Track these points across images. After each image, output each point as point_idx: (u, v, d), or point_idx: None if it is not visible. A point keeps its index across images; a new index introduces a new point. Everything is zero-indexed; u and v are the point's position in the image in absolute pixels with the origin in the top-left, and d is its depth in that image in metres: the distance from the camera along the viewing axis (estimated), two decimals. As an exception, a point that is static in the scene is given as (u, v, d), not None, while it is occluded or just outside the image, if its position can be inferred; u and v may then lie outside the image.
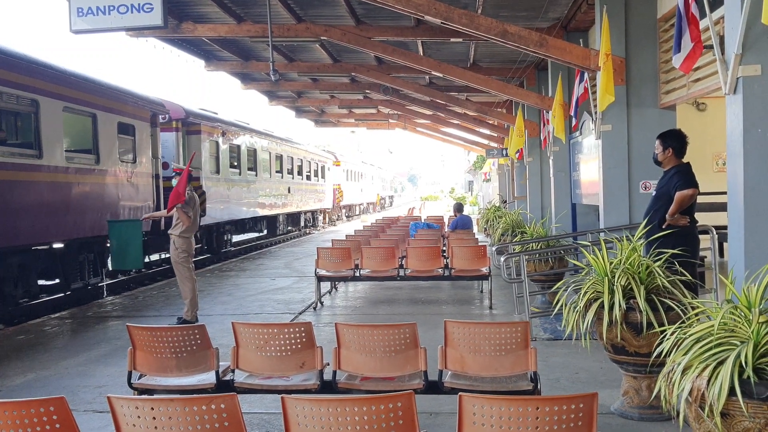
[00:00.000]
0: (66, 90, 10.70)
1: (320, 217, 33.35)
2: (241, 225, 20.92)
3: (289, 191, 25.14)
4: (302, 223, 29.53)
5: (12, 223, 9.45)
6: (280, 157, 24.10)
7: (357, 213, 45.43)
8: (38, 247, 10.70)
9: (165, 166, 14.47)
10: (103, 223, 11.63)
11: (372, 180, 52.81)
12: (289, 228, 27.47)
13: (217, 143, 17.69)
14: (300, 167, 27.42)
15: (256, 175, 21.09)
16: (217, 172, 17.64)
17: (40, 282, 11.24)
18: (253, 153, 20.85)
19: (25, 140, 10.16)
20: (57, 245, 11.09)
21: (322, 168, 32.37)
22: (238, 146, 19.50)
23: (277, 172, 23.67)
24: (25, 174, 9.73)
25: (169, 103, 15.34)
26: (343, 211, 40.80)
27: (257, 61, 16.11)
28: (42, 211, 10.03)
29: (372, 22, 12.55)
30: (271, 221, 24.55)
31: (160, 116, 14.66)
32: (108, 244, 11.89)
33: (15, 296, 10.23)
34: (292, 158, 25.96)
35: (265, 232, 25.03)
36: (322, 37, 12.34)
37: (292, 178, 25.87)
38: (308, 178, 28.96)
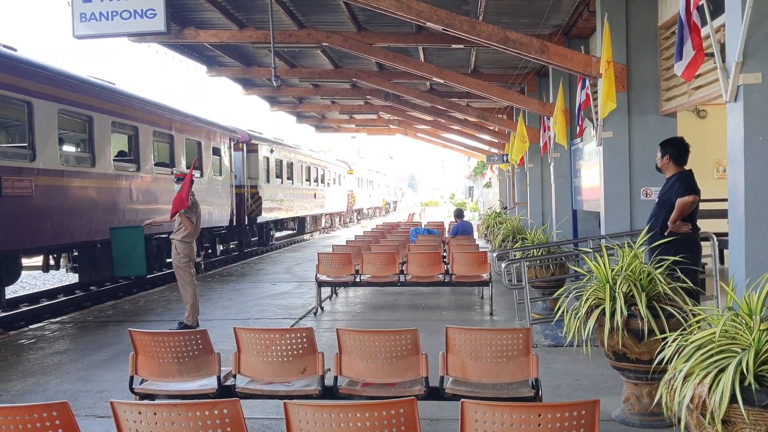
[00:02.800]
0: (185, 127, 15.59)
1: (337, 219, 38.59)
2: (281, 224, 25.97)
3: (315, 197, 30.25)
4: (323, 224, 34.76)
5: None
6: (308, 168, 28.98)
7: (366, 216, 50.99)
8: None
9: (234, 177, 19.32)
10: (211, 218, 16.31)
11: (378, 186, 58.82)
12: (314, 227, 33.24)
13: (267, 158, 22.29)
14: (323, 176, 32.40)
15: (292, 183, 25.97)
16: (268, 181, 22.14)
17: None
18: (290, 165, 25.72)
19: (168, 161, 14.83)
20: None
21: (339, 176, 37.35)
22: (281, 160, 24.25)
23: (306, 180, 28.57)
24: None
25: (239, 130, 20.24)
26: (355, 213, 46.02)
27: (259, 66, 16.15)
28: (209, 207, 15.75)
29: (373, 29, 12.59)
30: (301, 221, 29.83)
31: (233, 140, 19.19)
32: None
33: None
34: (317, 168, 31.04)
35: (296, 230, 29.98)
36: (323, 43, 12.39)
37: (317, 186, 31.01)
38: (328, 185, 33.87)
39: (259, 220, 21.52)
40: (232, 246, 20.55)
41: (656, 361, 3.84)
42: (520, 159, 16.75)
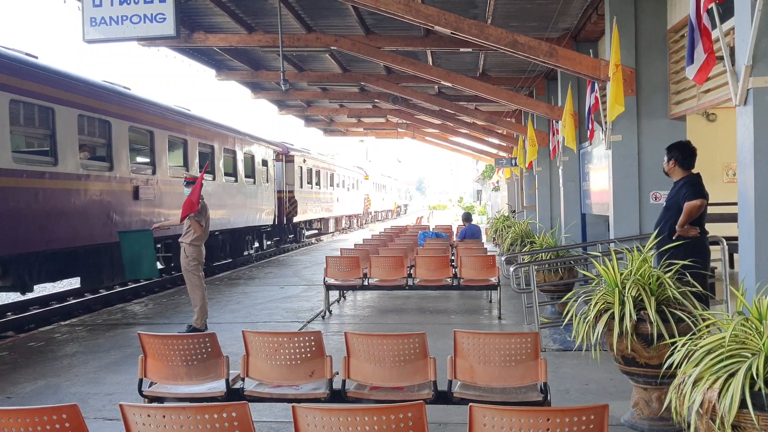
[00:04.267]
0: (243, 143, 19.43)
1: (355, 221, 42.84)
2: (308, 224, 30.06)
3: (337, 200, 34.35)
4: (343, 225, 38.91)
5: (229, 217, 18.01)
6: (332, 175, 32.97)
7: (380, 218, 55.20)
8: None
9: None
10: (258, 218, 20.55)
11: (391, 190, 63.27)
12: (336, 228, 37.38)
13: (301, 167, 26.07)
14: (343, 182, 36.55)
15: (320, 188, 29.94)
16: (301, 186, 25.84)
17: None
18: (318, 173, 29.54)
19: (232, 171, 18.51)
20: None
21: (357, 182, 41.60)
22: (310, 168, 28.00)
23: (330, 185, 32.48)
24: (236, 188, 18.64)
25: (280, 143, 24.19)
26: (370, 215, 49.97)
27: (267, 70, 16.20)
28: (243, 211, 19.17)
29: (382, 32, 12.61)
30: (326, 222, 33.84)
31: (276, 153, 23.21)
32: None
33: None
34: (339, 175, 35.12)
35: (320, 230, 33.69)
36: (332, 47, 12.41)
37: (339, 190, 35.10)
38: (348, 190, 38.12)
39: (295, 220, 25.52)
40: (274, 241, 25.17)
41: (665, 366, 3.83)
42: (529, 163, 16.73)
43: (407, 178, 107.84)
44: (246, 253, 20.92)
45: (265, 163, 21.45)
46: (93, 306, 12.65)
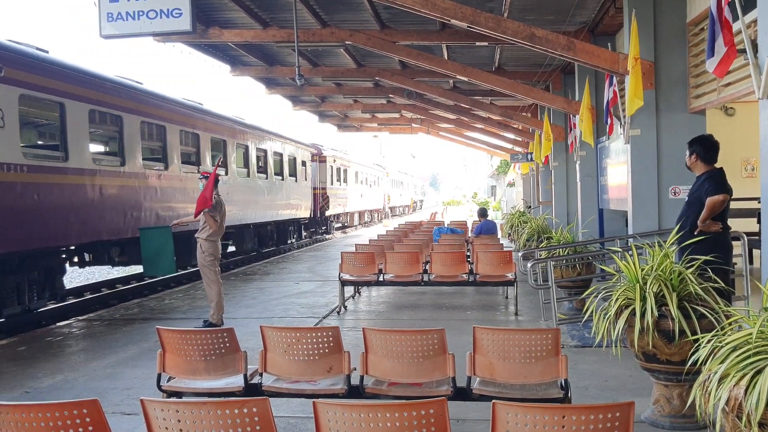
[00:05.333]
0: (290, 147, 23.02)
1: (376, 215, 46.62)
2: (336, 217, 33.41)
3: (361, 196, 38.10)
4: (366, 219, 42.63)
5: (277, 210, 21.36)
6: (356, 173, 36.56)
7: (398, 213, 58.24)
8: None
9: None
10: (298, 212, 24.01)
11: (407, 186, 66.82)
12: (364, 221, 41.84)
13: (332, 167, 29.63)
14: (366, 179, 39.97)
15: (347, 185, 33.54)
16: (332, 184, 29.55)
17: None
18: (345, 171, 33.08)
19: (279, 171, 21.77)
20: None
21: (378, 179, 45.23)
22: (339, 167, 31.47)
23: (355, 183, 36.02)
24: (282, 185, 21.94)
25: (314, 145, 27.59)
26: (389, 210, 52.94)
27: (282, 66, 16.20)
28: (287, 205, 22.56)
29: (397, 27, 12.55)
30: (351, 216, 37.60)
31: (311, 154, 26.52)
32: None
33: None
34: (363, 173, 38.80)
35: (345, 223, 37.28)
36: (346, 42, 12.39)
37: (363, 187, 38.67)
38: (370, 186, 41.65)
39: (327, 213, 29.17)
40: (310, 231, 28.64)
41: (690, 363, 3.77)
42: (545, 157, 16.63)
43: (421, 174, 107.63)
44: (289, 241, 24.34)
45: (304, 163, 24.89)
46: (110, 301, 12.72)
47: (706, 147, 6.03)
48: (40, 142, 11.10)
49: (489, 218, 15.90)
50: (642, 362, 4.87)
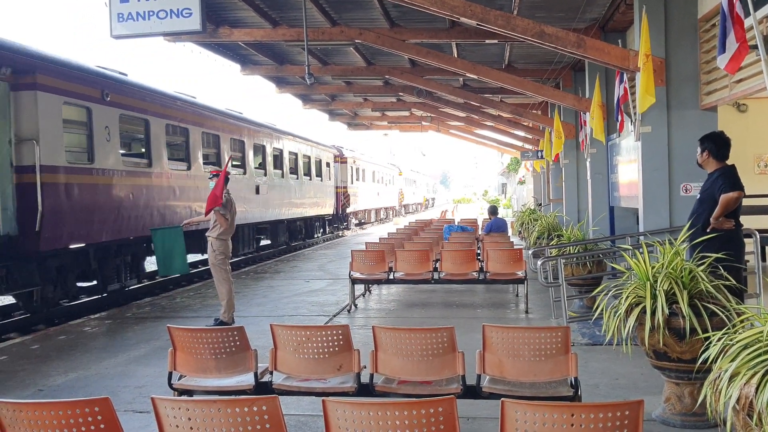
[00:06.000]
0: (317, 150, 25.58)
1: (391, 213, 49.05)
2: (355, 214, 35.74)
3: (378, 194, 40.80)
4: (382, 215, 45.15)
5: (305, 208, 23.64)
6: (374, 173, 39.36)
7: (411, 210, 60.45)
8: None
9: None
10: (324, 209, 26.39)
11: (420, 185, 69.13)
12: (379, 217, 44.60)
13: (352, 167, 32.14)
14: (382, 178, 42.63)
15: (365, 184, 36.13)
16: (352, 183, 31.98)
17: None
18: (363, 171, 35.81)
19: (307, 171, 24.05)
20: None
21: (393, 178, 48.01)
22: (358, 168, 34.15)
23: (372, 182, 38.64)
24: (311, 185, 24.36)
25: (337, 147, 30.59)
26: (403, 208, 55.29)
27: (292, 64, 16.23)
28: (315, 203, 24.97)
29: (406, 25, 12.55)
30: (368, 213, 40.20)
31: (334, 155, 29.06)
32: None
33: None
34: (379, 172, 41.39)
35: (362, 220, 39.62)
36: (356, 40, 12.39)
37: (379, 185, 41.39)
38: (386, 185, 44.39)
39: (348, 210, 31.66)
40: (333, 227, 30.96)
41: (700, 361, 3.75)
42: (555, 155, 16.57)
43: (432, 172, 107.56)
44: (316, 236, 26.77)
45: (328, 164, 27.39)
46: (121, 300, 12.78)
47: (717, 144, 5.99)
48: (132, 152, 13.09)
49: (499, 216, 15.87)
50: (653, 360, 4.85)
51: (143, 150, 12.82)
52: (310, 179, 24.11)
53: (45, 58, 9.90)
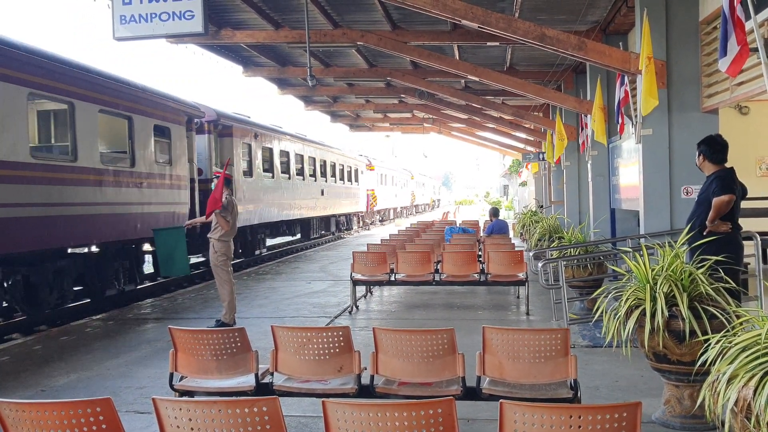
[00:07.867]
0: (349, 161, 31.42)
1: (404, 212, 53.96)
2: (378, 212, 42.16)
3: (396, 196, 47.67)
4: (399, 213, 51.11)
5: (344, 207, 30.87)
6: (393, 177, 46.16)
7: (420, 210, 65.11)
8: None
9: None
10: (357, 208, 33.31)
11: (427, 187, 74.73)
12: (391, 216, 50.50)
13: (377, 173, 38.36)
14: (399, 181, 48.91)
15: (386, 187, 43.14)
16: (377, 186, 38.66)
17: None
18: (385, 176, 42.61)
19: (346, 178, 30.87)
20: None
21: (406, 180, 53.66)
22: (381, 173, 40.78)
23: (392, 185, 45.77)
24: (348, 188, 31.25)
25: (367, 156, 37.77)
26: (414, 208, 60.21)
27: (294, 66, 16.25)
28: (350, 203, 32.04)
29: (408, 27, 12.58)
30: (388, 211, 46.65)
31: (365, 163, 35.79)
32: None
33: None
34: (396, 176, 47.92)
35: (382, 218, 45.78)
36: (358, 42, 12.41)
37: (397, 188, 48.36)
38: (401, 188, 50.64)
39: (376, 209, 39.21)
40: (365, 223, 37.20)
41: (699, 363, 3.77)
42: (557, 157, 16.58)
43: (434, 174, 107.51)
44: (353, 227, 33.62)
45: (362, 172, 34.34)
46: (123, 301, 12.79)
47: (712, 147, 6.01)
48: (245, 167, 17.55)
49: (501, 218, 15.88)
50: (652, 362, 4.86)
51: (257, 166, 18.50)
52: (351, 184, 31.37)
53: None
